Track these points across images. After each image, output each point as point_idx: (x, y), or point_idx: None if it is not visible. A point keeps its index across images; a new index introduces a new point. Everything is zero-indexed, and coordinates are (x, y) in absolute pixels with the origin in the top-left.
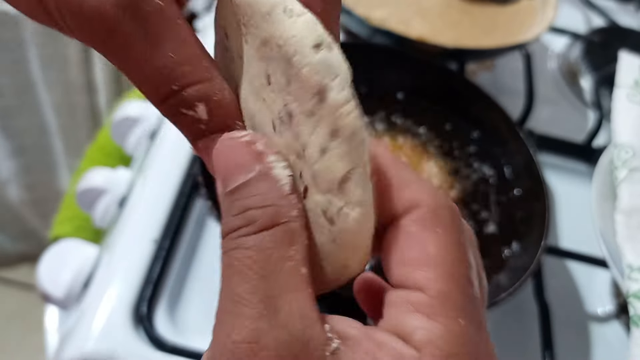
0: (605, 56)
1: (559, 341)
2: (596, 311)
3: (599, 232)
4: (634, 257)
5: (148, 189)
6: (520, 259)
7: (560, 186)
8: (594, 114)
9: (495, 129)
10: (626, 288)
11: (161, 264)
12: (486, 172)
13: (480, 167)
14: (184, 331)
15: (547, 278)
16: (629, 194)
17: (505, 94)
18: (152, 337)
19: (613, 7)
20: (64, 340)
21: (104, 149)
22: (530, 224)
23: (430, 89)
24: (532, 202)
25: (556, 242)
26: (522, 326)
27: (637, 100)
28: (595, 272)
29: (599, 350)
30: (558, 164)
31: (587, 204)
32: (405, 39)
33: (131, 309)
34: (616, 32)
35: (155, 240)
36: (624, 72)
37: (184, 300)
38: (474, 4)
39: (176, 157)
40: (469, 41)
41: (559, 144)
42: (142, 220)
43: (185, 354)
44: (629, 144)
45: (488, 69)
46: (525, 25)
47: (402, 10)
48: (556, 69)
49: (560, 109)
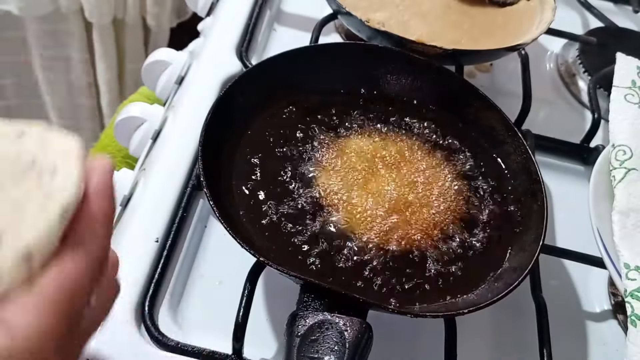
0: (603, 57)
1: (556, 339)
2: (593, 310)
3: (596, 232)
4: (631, 256)
5: (150, 189)
6: (518, 258)
7: (557, 186)
8: (591, 115)
9: (493, 129)
10: (623, 287)
11: (163, 263)
12: (484, 173)
13: (478, 168)
14: (185, 329)
15: (545, 277)
16: (626, 194)
17: (503, 95)
18: (154, 335)
19: (610, 9)
20: None
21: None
22: (528, 224)
23: (429, 90)
24: (529, 202)
25: (553, 241)
26: (520, 325)
27: (635, 100)
28: (592, 271)
29: (595, 348)
30: (555, 164)
31: (584, 204)
32: (404, 40)
33: (133, 308)
34: (613, 33)
35: (157, 239)
36: (621, 73)
37: (185, 299)
38: (472, 6)
39: (178, 157)
40: (468, 43)
41: (557, 144)
42: (144, 220)
43: (187, 352)
44: (626, 145)
45: (486, 71)
46: (524, 27)
47: (401, 13)
48: (554, 70)
49: (557, 110)
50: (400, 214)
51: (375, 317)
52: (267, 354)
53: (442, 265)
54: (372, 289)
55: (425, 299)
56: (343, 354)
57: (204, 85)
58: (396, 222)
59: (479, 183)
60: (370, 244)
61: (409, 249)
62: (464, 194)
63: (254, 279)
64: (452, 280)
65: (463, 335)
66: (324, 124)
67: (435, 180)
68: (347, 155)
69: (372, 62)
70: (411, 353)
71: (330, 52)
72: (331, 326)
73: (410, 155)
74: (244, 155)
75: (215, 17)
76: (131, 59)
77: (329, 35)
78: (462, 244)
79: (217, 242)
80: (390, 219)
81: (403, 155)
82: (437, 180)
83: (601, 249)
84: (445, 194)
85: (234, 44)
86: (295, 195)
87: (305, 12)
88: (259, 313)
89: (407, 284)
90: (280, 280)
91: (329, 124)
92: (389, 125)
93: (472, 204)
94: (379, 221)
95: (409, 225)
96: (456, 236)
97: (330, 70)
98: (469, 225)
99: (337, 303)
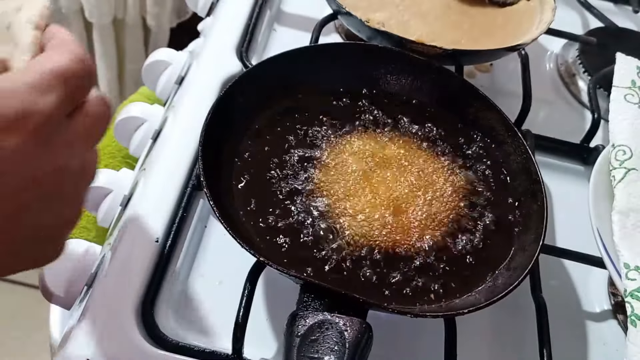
0: (603, 57)
1: (556, 339)
2: (593, 310)
3: (596, 232)
4: (631, 256)
5: (150, 189)
6: (518, 258)
7: (557, 186)
8: (591, 115)
9: (492, 129)
10: (623, 287)
11: (163, 263)
12: (484, 173)
13: (477, 168)
14: (185, 329)
15: (545, 277)
16: (626, 194)
17: (503, 95)
18: (154, 335)
19: (610, 9)
20: (67, 339)
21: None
22: (528, 224)
23: (429, 90)
24: (529, 202)
25: (553, 241)
26: (520, 325)
27: (635, 100)
28: (592, 271)
29: (595, 348)
30: (555, 164)
31: (584, 204)
32: (405, 40)
33: (134, 308)
34: (613, 33)
35: (157, 239)
36: (621, 73)
37: (185, 299)
38: (472, 7)
39: (178, 157)
40: (468, 43)
41: (556, 144)
42: (144, 220)
43: (187, 352)
44: (626, 145)
45: (486, 71)
46: (524, 27)
47: (401, 13)
48: (554, 70)
49: (557, 110)
50: (400, 214)
51: (375, 317)
52: (267, 354)
53: (442, 265)
54: (373, 289)
55: (425, 299)
56: (343, 354)
57: (204, 85)
58: (396, 223)
59: (478, 183)
60: (370, 244)
61: (409, 249)
62: (464, 194)
63: (254, 279)
64: (452, 281)
65: (463, 335)
66: (324, 124)
67: (435, 180)
68: (347, 155)
69: (372, 62)
70: (411, 353)
71: (330, 52)
72: (331, 326)
73: (410, 155)
74: (244, 155)
75: (215, 17)
76: (131, 59)
77: (329, 35)
78: (462, 244)
79: (217, 242)
80: (390, 220)
81: (402, 156)
82: (437, 181)
83: (601, 249)
84: (445, 194)
85: (234, 44)
86: (295, 195)
87: (305, 12)
88: (259, 313)
89: (407, 284)
90: (280, 280)
91: (328, 124)
92: (388, 125)
93: (472, 204)
94: (380, 221)
95: (409, 226)
96: (456, 236)
97: (330, 70)
98: (469, 225)
99: (337, 303)
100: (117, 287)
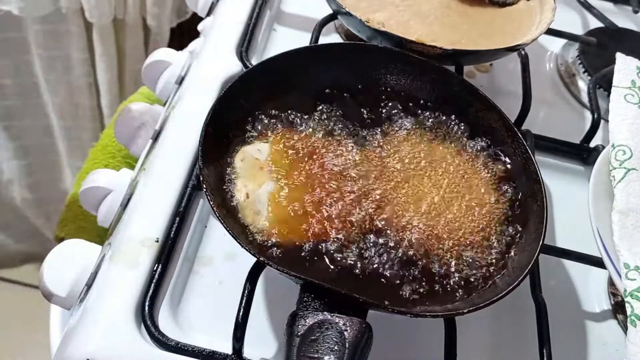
0: (602, 57)
1: (556, 339)
2: (593, 310)
3: (596, 232)
4: (631, 256)
5: (150, 189)
6: (518, 258)
7: (557, 186)
8: (591, 115)
9: (492, 129)
10: (623, 287)
11: (163, 263)
12: (483, 173)
13: (477, 168)
14: (185, 329)
15: (545, 277)
16: (626, 194)
17: (502, 95)
18: (154, 335)
19: (610, 9)
20: (67, 339)
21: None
22: (528, 224)
23: (429, 90)
24: (529, 202)
25: (553, 241)
26: (520, 325)
27: (634, 101)
28: (591, 271)
29: (595, 348)
30: (555, 164)
31: (584, 204)
32: (405, 41)
33: (134, 308)
34: (613, 33)
35: (157, 239)
36: (621, 73)
37: (185, 299)
38: (472, 7)
39: (178, 157)
40: (467, 43)
41: (556, 144)
42: (144, 220)
43: (187, 352)
44: (626, 145)
45: (486, 71)
46: (524, 27)
47: (401, 13)
48: (553, 70)
49: (557, 110)
50: (399, 215)
51: (375, 317)
52: (267, 354)
53: (442, 265)
54: (373, 289)
55: (425, 299)
56: (343, 353)
57: (204, 85)
58: (395, 223)
59: (478, 183)
60: (370, 244)
61: (408, 249)
62: (463, 194)
63: (254, 279)
64: (452, 281)
65: (463, 335)
66: (324, 124)
67: (435, 180)
68: (345, 155)
69: (372, 62)
70: (411, 353)
71: (330, 52)
72: (331, 326)
73: (410, 155)
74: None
75: (215, 17)
76: (131, 59)
77: (329, 35)
78: (462, 244)
79: (217, 242)
80: (389, 220)
81: (402, 156)
82: (437, 181)
83: (601, 249)
84: (445, 194)
85: (234, 44)
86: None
87: (305, 12)
88: (259, 313)
89: (407, 284)
90: (280, 280)
91: (328, 124)
92: (386, 125)
93: (471, 204)
94: (375, 223)
95: (408, 227)
96: (456, 236)
97: (330, 70)
98: (469, 225)
99: (337, 303)
100: (117, 287)
